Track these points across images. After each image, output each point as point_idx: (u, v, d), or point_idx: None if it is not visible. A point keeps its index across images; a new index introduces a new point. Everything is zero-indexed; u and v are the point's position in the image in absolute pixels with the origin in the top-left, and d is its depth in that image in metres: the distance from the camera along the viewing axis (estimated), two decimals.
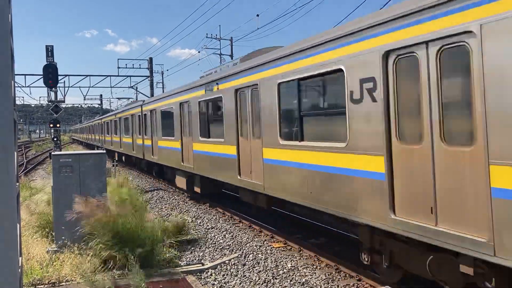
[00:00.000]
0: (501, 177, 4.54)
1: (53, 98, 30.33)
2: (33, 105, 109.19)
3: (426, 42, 5.40)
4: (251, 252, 9.38)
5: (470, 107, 4.92)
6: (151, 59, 41.48)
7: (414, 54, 5.61)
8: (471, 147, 4.92)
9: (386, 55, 6.03)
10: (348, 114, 6.81)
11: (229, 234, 11.07)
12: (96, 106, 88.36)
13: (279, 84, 8.87)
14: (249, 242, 10.14)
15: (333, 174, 7.25)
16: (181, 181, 16.66)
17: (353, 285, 7.41)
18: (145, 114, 22.00)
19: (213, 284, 7.77)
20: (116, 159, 28.31)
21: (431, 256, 5.87)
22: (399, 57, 5.87)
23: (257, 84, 9.83)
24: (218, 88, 12.34)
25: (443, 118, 5.28)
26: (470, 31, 4.78)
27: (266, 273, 8.15)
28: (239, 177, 11.05)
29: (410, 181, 5.74)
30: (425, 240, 5.52)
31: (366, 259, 7.27)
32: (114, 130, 31.61)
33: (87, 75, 38.17)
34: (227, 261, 8.90)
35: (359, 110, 6.58)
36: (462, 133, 5.10)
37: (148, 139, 21.26)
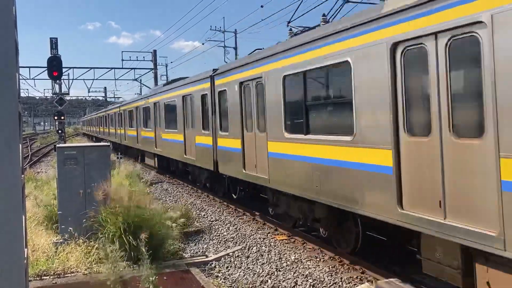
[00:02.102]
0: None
1: (57, 91, 30.38)
2: (37, 98, 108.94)
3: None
4: (255, 245, 9.41)
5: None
6: (155, 51, 41.46)
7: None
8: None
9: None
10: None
11: (233, 226, 11.11)
12: (101, 98, 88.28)
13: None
14: (253, 235, 10.18)
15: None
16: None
17: (357, 277, 7.43)
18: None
19: (217, 276, 7.81)
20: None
21: None
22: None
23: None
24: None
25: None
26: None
27: (270, 265, 8.18)
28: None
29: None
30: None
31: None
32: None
33: (91, 68, 38.28)
34: (231, 253, 8.94)
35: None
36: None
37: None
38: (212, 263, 8.43)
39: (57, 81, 28.71)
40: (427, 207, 5.59)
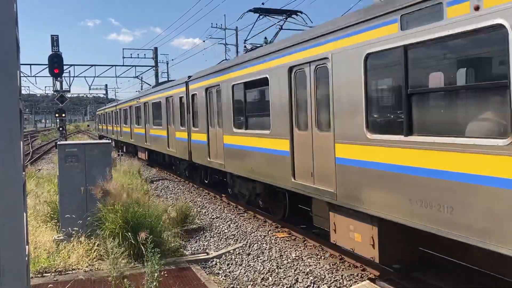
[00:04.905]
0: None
1: (58, 88, 30.34)
2: (38, 95, 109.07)
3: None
4: (256, 242, 9.42)
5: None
6: (156, 49, 41.48)
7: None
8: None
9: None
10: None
11: (234, 224, 11.12)
12: (102, 96, 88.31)
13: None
14: (254, 232, 10.19)
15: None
16: None
17: (357, 275, 7.44)
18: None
19: (218, 273, 7.83)
20: None
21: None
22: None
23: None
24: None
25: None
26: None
27: (271, 262, 8.20)
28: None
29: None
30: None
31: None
32: None
33: (92, 65, 38.22)
34: (231, 251, 8.96)
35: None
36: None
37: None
38: (213, 260, 8.45)
39: (58, 78, 28.68)
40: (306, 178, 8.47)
